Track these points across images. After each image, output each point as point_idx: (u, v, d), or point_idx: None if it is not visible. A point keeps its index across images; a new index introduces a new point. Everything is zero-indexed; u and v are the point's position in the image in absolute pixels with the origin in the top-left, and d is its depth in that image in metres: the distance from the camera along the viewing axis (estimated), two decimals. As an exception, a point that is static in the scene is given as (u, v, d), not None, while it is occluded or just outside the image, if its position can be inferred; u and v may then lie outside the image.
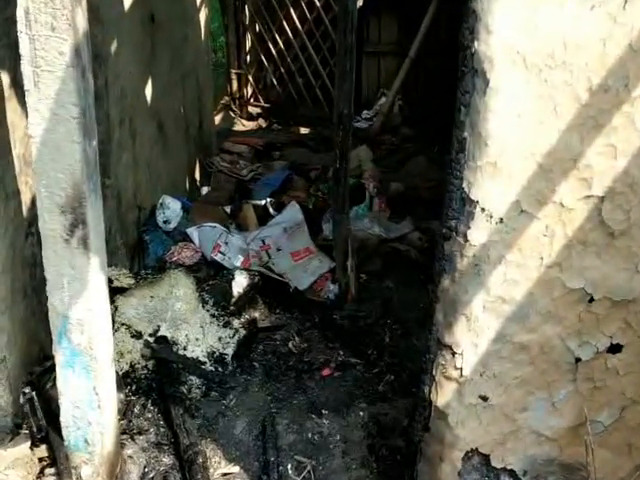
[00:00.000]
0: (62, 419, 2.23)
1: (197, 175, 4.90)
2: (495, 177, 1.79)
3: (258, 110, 6.95)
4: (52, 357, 2.25)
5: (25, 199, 2.44)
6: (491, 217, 1.84)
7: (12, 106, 2.32)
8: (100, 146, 3.23)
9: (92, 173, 2.02)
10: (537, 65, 1.67)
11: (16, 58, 1.92)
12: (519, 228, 1.85)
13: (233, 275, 3.53)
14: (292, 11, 6.50)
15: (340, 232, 3.68)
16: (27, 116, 1.96)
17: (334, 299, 3.81)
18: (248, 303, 3.53)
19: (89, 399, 2.17)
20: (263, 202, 4.56)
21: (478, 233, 1.86)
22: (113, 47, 3.28)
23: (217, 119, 6.41)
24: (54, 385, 2.25)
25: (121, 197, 3.44)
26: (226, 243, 3.76)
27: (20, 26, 1.79)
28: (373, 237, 4.39)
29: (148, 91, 3.83)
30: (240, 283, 3.51)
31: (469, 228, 1.87)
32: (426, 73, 7.42)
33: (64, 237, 2.01)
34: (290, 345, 3.38)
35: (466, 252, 1.90)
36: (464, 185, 1.83)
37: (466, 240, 1.88)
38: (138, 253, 3.63)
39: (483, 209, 1.83)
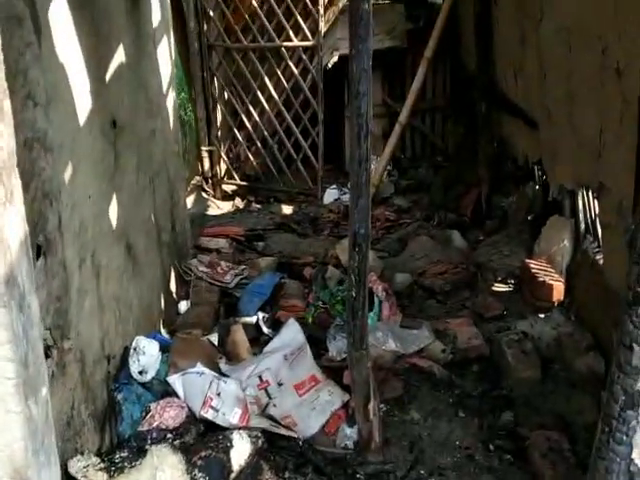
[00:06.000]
0: None
1: (173, 287, 4.18)
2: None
3: (233, 187, 6.29)
4: None
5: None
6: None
7: None
8: (57, 304, 2.57)
9: (42, 441, 1.32)
10: None
11: None
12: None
13: (231, 441, 2.82)
14: (267, 80, 5.92)
15: (360, 372, 3.02)
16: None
17: (352, 448, 3.14)
18: (252, 475, 2.82)
19: None
20: (254, 319, 3.89)
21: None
22: (67, 174, 2.61)
23: (188, 202, 5.72)
24: None
25: (85, 356, 2.72)
26: (218, 394, 3.05)
27: None
28: (388, 354, 3.74)
29: (113, 211, 3.14)
30: (241, 452, 2.81)
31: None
32: (413, 135, 6.96)
33: None
34: (311, 533, 2.68)
35: None
36: (635, 455, 1.20)
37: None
38: (109, 420, 2.89)
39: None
